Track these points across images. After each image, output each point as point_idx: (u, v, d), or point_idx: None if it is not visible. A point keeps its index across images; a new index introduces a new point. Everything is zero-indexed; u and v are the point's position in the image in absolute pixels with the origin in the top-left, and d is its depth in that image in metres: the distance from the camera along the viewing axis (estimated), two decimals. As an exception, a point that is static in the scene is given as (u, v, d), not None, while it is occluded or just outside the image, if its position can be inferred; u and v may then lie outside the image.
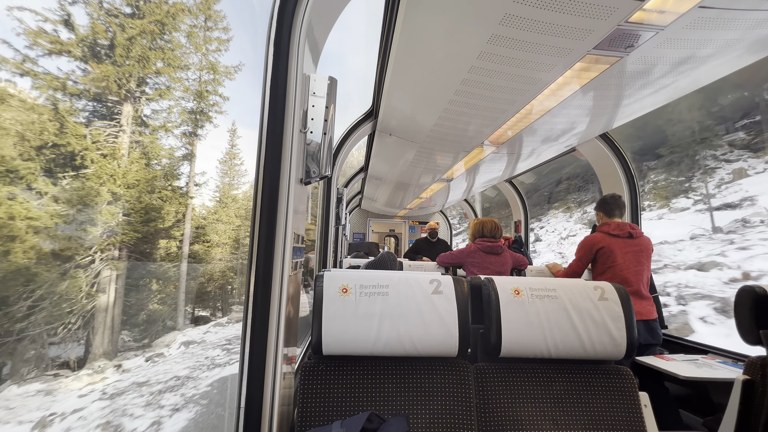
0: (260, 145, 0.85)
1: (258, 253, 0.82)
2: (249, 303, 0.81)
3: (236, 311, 19.32)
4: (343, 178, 4.41)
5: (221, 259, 18.95)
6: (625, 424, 0.94)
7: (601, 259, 2.01)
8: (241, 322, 0.86)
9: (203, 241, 16.99)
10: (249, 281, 0.82)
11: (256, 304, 0.81)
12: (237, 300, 20.42)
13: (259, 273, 0.82)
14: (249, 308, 0.81)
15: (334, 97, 1.05)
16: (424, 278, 0.98)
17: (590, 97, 1.83)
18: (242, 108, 45.80)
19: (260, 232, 0.83)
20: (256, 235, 0.83)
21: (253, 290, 0.81)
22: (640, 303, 1.93)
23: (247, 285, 0.82)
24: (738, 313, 1.12)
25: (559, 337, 0.96)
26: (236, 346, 12.33)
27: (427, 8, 1.25)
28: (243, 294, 7.63)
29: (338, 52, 35.02)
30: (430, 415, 0.90)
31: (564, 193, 17.10)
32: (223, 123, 39.38)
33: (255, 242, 0.83)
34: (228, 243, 19.30)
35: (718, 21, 1.21)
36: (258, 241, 0.83)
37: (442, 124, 2.28)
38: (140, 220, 11.88)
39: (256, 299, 0.81)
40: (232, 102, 34.93)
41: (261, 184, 0.84)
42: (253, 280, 0.81)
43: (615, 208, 2.13)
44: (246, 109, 42.55)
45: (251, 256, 0.83)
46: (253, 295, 0.81)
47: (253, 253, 0.82)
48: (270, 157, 0.85)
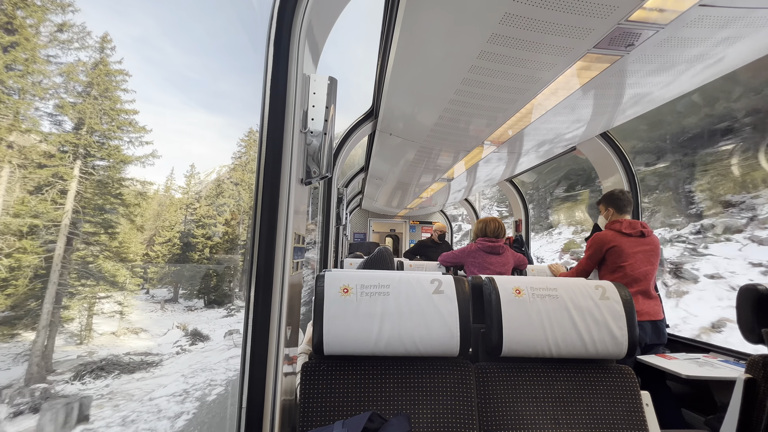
0: (261, 145, 0.85)
1: (259, 253, 0.82)
2: (250, 303, 0.81)
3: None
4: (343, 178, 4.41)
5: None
6: (627, 423, 0.94)
7: (611, 258, 1.95)
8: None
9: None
10: (250, 281, 0.82)
11: (257, 305, 0.81)
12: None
13: (260, 273, 0.82)
14: (250, 308, 0.81)
15: (335, 97, 1.05)
16: (425, 278, 0.98)
17: (590, 96, 1.82)
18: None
19: (261, 232, 0.83)
20: (257, 235, 0.83)
21: (254, 290, 0.81)
22: (648, 303, 1.89)
23: (248, 285, 0.82)
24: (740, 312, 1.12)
25: (561, 336, 0.96)
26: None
27: (427, 8, 1.25)
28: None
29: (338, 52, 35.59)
30: (432, 414, 0.90)
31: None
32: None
33: (255, 242, 0.83)
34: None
35: (718, 19, 1.21)
36: (258, 242, 0.83)
37: (442, 123, 2.28)
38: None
39: (257, 299, 0.81)
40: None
41: (261, 184, 0.84)
42: (254, 280, 0.82)
43: (626, 204, 2.05)
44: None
45: (252, 256, 0.83)
46: (254, 295, 0.81)
47: (253, 253, 0.82)
48: (270, 158, 0.85)
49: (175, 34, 60.57)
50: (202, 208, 24.79)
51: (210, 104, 61.82)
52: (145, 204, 17.48)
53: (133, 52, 46.64)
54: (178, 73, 60.66)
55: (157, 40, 56.53)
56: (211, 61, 63.32)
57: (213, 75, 62.86)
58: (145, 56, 51.49)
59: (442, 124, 2.30)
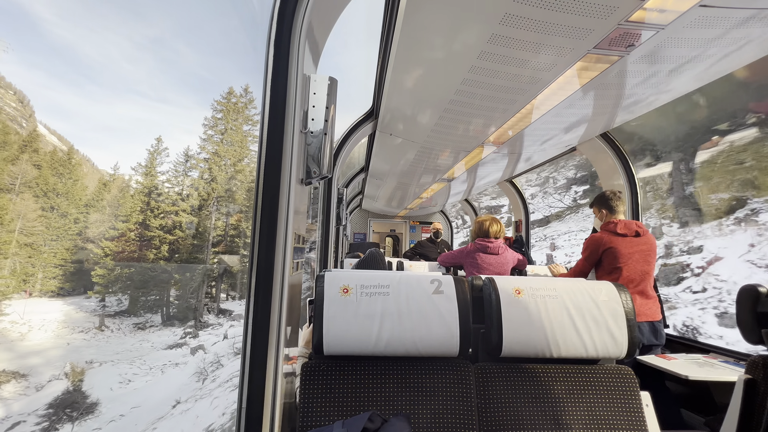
0: (261, 145, 0.85)
1: (259, 253, 0.82)
2: (250, 303, 0.81)
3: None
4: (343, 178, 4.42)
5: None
6: (627, 423, 0.94)
7: (608, 259, 1.95)
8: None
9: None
10: (250, 281, 0.82)
11: (257, 305, 0.81)
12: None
13: (260, 273, 0.82)
14: (250, 308, 0.81)
15: (335, 97, 1.05)
16: (425, 278, 0.98)
17: (591, 96, 1.82)
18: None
19: (261, 232, 0.83)
20: (257, 235, 0.83)
21: (254, 290, 0.81)
22: (646, 303, 1.89)
23: (248, 285, 0.82)
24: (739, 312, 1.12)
25: (560, 336, 0.96)
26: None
27: (428, 8, 1.25)
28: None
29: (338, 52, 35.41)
30: (432, 415, 0.90)
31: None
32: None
33: (255, 242, 0.83)
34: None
35: (718, 20, 1.21)
36: (258, 242, 0.83)
37: (442, 124, 2.28)
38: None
39: (257, 299, 0.81)
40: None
41: (261, 184, 0.84)
42: (254, 280, 0.82)
43: (618, 204, 2.06)
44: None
45: (252, 256, 0.83)
46: (254, 295, 0.81)
47: (253, 253, 0.83)
48: (270, 158, 0.85)
49: (179, 35, 60.53)
50: (161, 193, 19.03)
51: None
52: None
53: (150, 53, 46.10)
54: (193, 72, 60.40)
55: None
56: (217, 60, 63.23)
57: (227, 75, 62.26)
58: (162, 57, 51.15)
59: (442, 125, 2.30)
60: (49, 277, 13.86)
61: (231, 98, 23.93)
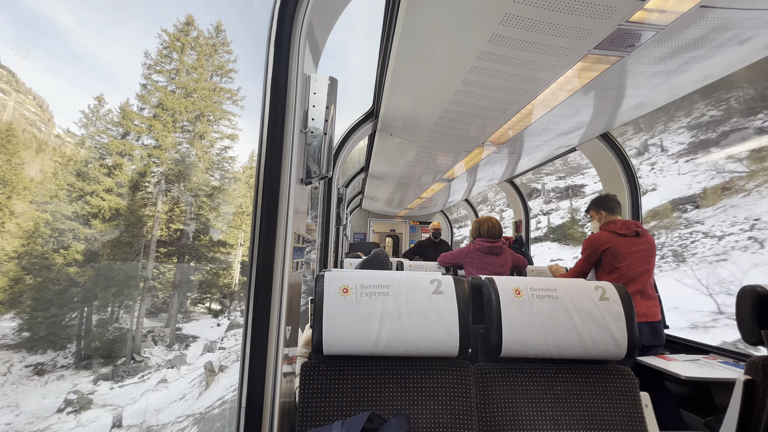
0: (261, 145, 0.85)
1: (258, 253, 0.82)
2: (250, 303, 0.81)
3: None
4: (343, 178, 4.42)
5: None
6: (626, 424, 0.94)
7: (608, 259, 1.96)
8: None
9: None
10: (250, 281, 0.82)
11: (257, 304, 0.81)
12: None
13: (259, 273, 0.82)
14: (250, 308, 0.81)
15: (335, 97, 1.05)
16: (425, 278, 0.98)
17: (591, 96, 1.82)
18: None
19: (260, 232, 0.83)
20: (257, 235, 0.83)
21: (254, 290, 0.81)
22: (645, 304, 1.89)
23: (248, 285, 0.82)
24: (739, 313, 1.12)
25: (560, 337, 0.96)
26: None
27: (428, 8, 1.25)
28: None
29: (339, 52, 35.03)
30: (431, 415, 0.90)
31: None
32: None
33: (255, 242, 0.83)
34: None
35: (719, 20, 1.21)
36: (258, 242, 0.83)
37: (442, 124, 2.28)
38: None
39: (257, 299, 0.81)
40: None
41: (261, 184, 0.84)
42: (253, 280, 0.82)
43: (616, 205, 2.10)
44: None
45: (252, 256, 0.83)
46: (254, 295, 0.81)
47: (253, 253, 0.83)
48: (270, 158, 0.85)
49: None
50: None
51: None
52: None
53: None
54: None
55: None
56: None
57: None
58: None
59: (442, 125, 2.30)
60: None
61: (190, 30, 16.09)
